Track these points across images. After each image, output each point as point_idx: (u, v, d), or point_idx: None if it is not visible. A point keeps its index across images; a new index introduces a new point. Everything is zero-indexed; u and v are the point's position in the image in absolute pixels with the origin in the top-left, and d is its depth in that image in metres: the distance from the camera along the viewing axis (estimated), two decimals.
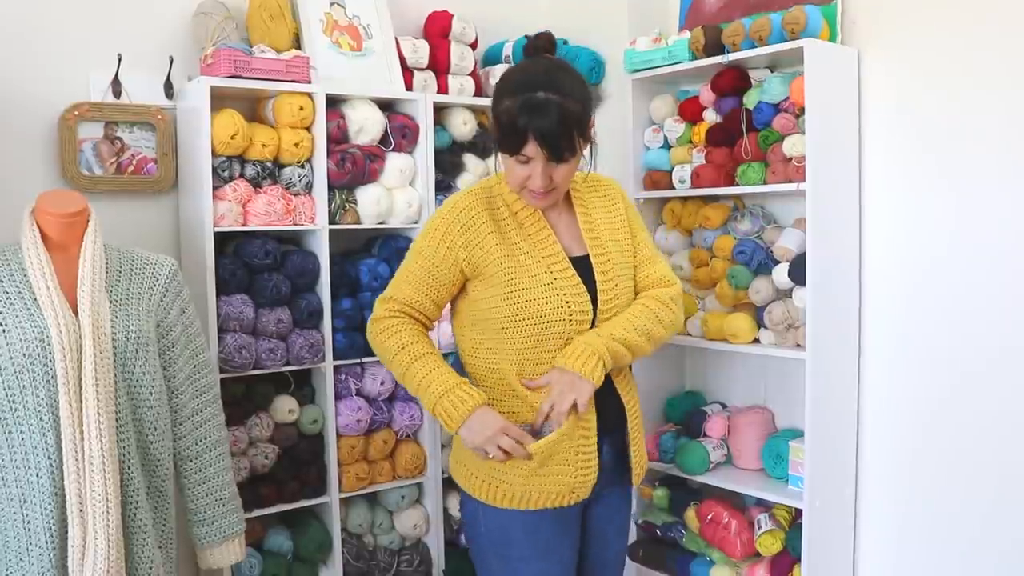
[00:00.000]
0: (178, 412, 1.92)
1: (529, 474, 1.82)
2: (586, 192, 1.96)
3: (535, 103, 1.69)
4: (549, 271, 1.81)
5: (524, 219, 1.86)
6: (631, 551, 2.92)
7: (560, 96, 1.70)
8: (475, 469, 1.89)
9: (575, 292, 1.81)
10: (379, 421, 2.64)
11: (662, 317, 1.90)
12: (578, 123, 1.73)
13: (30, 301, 1.73)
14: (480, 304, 1.84)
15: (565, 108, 1.70)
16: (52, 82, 2.32)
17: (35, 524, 1.68)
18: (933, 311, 2.45)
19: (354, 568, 2.61)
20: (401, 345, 1.84)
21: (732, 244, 2.69)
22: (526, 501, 1.84)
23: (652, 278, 1.97)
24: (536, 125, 1.69)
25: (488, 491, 1.87)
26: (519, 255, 1.81)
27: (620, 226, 1.96)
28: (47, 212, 1.80)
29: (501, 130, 1.75)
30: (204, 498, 1.96)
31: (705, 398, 3.04)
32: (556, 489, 1.83)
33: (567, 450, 1.82)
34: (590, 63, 3.04)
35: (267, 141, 2.42)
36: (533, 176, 1.76)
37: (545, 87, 1.70)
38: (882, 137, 2.53)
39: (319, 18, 2.60)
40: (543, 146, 1.71)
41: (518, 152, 1.74)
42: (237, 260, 2.42)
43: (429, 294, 1.87)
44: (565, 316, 1.79)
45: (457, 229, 1.82)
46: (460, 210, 1.84)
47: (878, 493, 2.60)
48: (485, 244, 1.81)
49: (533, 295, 1.79)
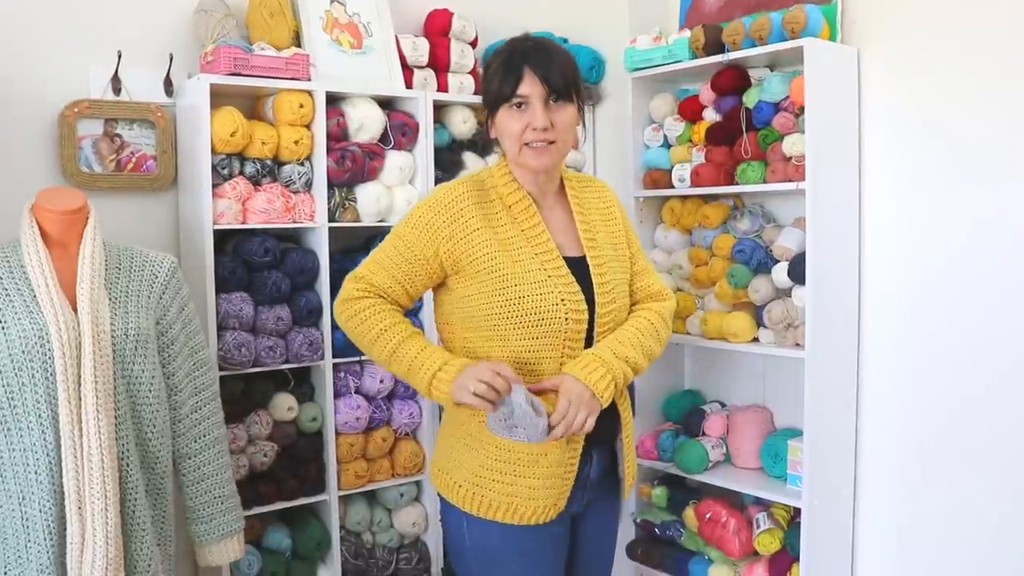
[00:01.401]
0: (177, 410, 1.92)
1: (514, 478, 1.74)
2: (581, 191, 1.90)
3: (528, 44, 1.74)
4: (543, 268, 1.73)
5: (518, 213, 1.78)
6: (630, 550, 2.93)
7: (553, 43, 1.78)
8: (459, 477, 1.79)
9: (570, 291, 1.73)
10: (378, 419, 2.65)
11: (661, 336, 1.87)
12: (572, 69, 1.75)
13: (29, 298, 1.73)
14: (468, 301, 1.75)
15: (557, 46, 1.76)
16: (52, 79, 2.32)
17: (34, 521, 1.68)
18: (932, 310, 2.45)
19: (353, 566, 2.61)
20: (383, 327, 1.73)
21: (731, 243, 2.69)
22: (511, 513, 1.75)
23: (649, 291, 1.93)
24: (532, 59, 1.70)
25: (472, 500, 1.77)
26: (512, 249, 1.73)
27: (616, 230, 1.91)
28: (46, 209, 1.80)
29: (495, 76, 1.73)
30: (203, 496, 1.96)
31: (704, 397, 3.04)
32: (541, 502, 1.75)
33: (553, 463, 1.74)
34: (590, 61, 3.04)
35: (267, 139, 2.42)
36: (533, 118, 1.70)
37: (535, 41, 1.76)
38: (882, 136, 2.53)
39: (319, 16, 2.60)
40: (540, 78, 1.69)
41: (514, 92, 1.70)
42: (236, 258, 2.42)
43: (403, 283, 1.77)
44: (561, 315, 1.71)
45: (444, 220, 1.73)
46: (450, 200, 1.75)
47: (877, 492, 2.60)
48: (472, 239, 1.73)
49: (526, 291, 1.70)
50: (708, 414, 2.85)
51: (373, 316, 1.75)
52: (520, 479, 1.74)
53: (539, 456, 1.74)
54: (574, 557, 1.92)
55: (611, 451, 1.89)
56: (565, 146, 1.78)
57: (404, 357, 1.72)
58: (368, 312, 1.75)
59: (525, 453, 1.73)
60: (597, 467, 1.85)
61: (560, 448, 1.74)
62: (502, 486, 1.75)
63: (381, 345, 1.74)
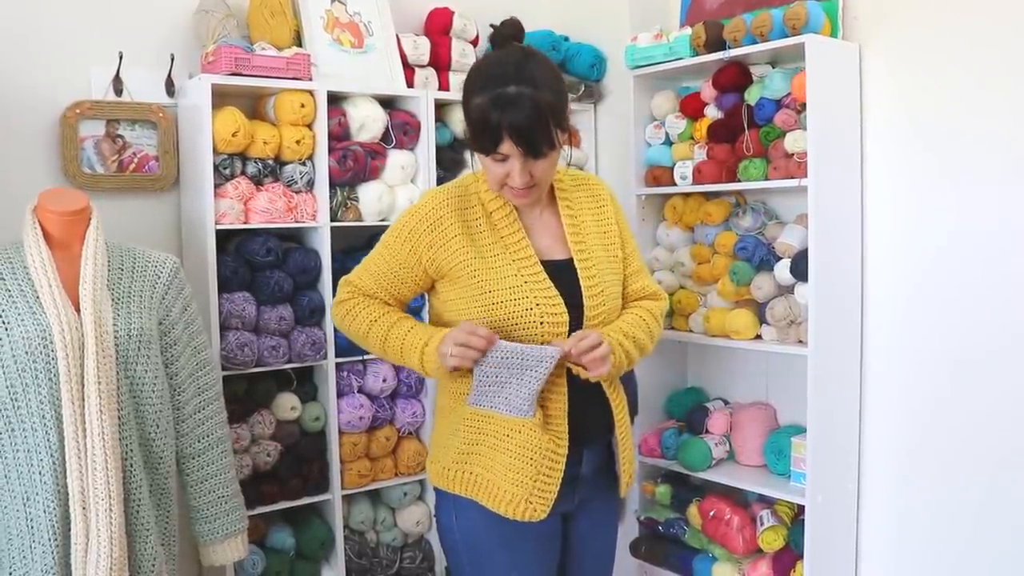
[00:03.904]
0: (180, 410, 1.92)
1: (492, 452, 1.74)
2: (573, 191, 1.89)
3: (507, 98, 1.61)
4: (519, 274, 1.74)
5: (498, 220, 1.79)
6: (633, 547, 2.93)
7: (532, 88, 1.62)
8: (446, 461, 1.82)
9: (546, 296, 1.73)
10: (381, 418, 2.65)
11: (654, 333, 1.88)
12: (553, 114, 1.65)
13: (32, 299, 1.73)
14: (450, 306, 1.79)
15: (538, 100, 1.62)
16: (53, 80, 2.32)
17: (38, 522, 1.69)
18: (935, 307, 2.44)
19: (356, 565, 2.61)
20: (372, 319, 1.80)
21: (734, 240, 2.69)
22: (490, 495, 1.75)
23: (643, 293, 1.93)
24: (510, 121, 1.61)
25: (455, 479, 1.79)
26: (488, 257, 1.75)
27: (608, 229, 1.89)
28: (49, 210, 1.80)
29: (474, 129, 1.68)
30: (206, 496, 1.96)
31: (707, 394, 3.04)
32: (517, 489, 1.73)
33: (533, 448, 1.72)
34: (591, 59, 3.04)
35: (268, 139, 2.42)
36: (512, 174, 1.68)
37: (516, 80, 1.62)
38: (883, 133, 2.52)
39: (320, 15, 2.60)
40: (519, 143, 1.63)
41: (494, 151, 1.66)
42: (239, 258, 2.42)
43: (389, 289, 1.82)
44: (535, 319, 1.71)
45: (424, 228, 1.77)
46: (429, 209, 1.78)
47: (880, 489, 2.60)
48: (451, 246, 1.75)
49: (501, 297, 1.72)
50: (711, 411, 2.85)
51: (363, 311, 1.82)
52: (497, 453, 1.74)
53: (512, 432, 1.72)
54: (568, 555, 1.91)
55: (606, 448, 1.88)
56: (547, 182, 1.78)
57: (395, 342, 1.78)
58: (358, 309, 1.83)
59: (501, 426, 1.73)
60: (588, 465, 1.85)
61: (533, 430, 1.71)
62: (480, 459, 1.76)
63: (374, 336, 1.80)
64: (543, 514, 1.74)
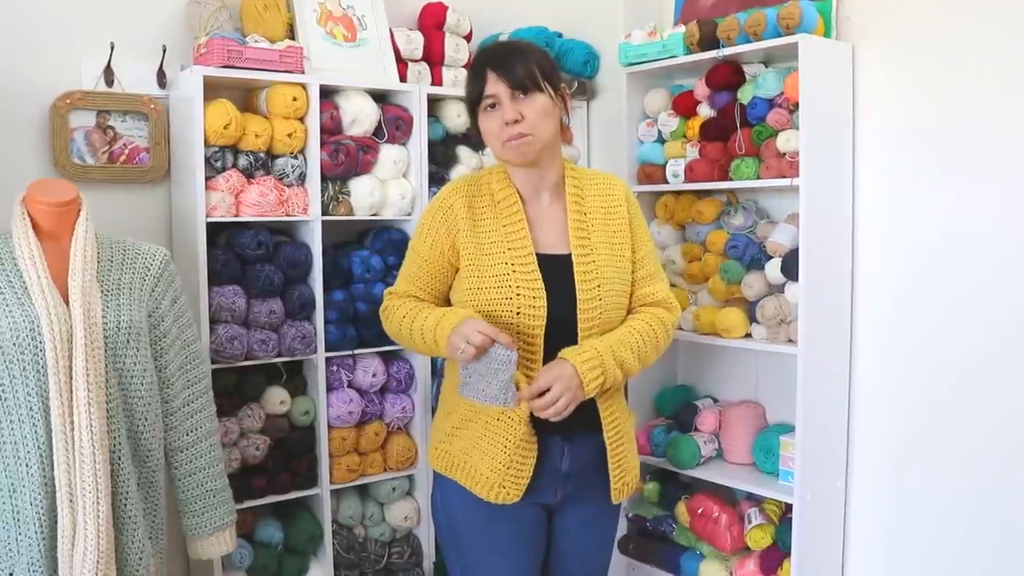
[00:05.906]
0: (169, 403, 1.91)
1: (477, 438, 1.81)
2: (586, 187, 1.90)
3: (494, 47, 1.91)
4: (509, 263, 1.79)
5: (503, 209, 1.84)
6: (621, 545, 2.93)
7: (519, 41, 1.93)
8: (436, 441, 1.93)
9: (529, 287, 1.76)
10: (371, 413, 2.64)
11: (660, 345, 1.87)
12: (538, 60, 1.79)
13: (21, 291, 1.72)
14: (455, 286, 1.89)
15: (522, 44, 1.87)
16: (44, 70, 2.30)
17: (24, 514, 1.68)
18: (925, 307, 2.45)
19: (345, 560, 2.61)
20: (402, 315, 1.87)
21: (725, 239, 2.69)
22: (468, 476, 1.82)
23: (652, 299, 1.91)
24: (494, 59, 1.79)
25: (441, 457, 1.90)
26: (485, 243, 1.82)
27: (619, 229, 1.89)
28: (38, 201, 1.79)
29: (467, 84, 1.83)
30: (195, 489, 1.95)
31: (696, 392, 3.05)
32: (492, 473, 1.79)
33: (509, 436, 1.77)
34: (584, 56, 3.04)
35: (260, 131, 2.41)
36: (504, 114, 1.77)
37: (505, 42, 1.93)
38: (876, 133, 2.53)
39: (313, 8, 2.59)
40: (501, 73, 1.75)
41: (483, 93, 1.78)
42: (229, 251, 2.41)
43: (423, 287, 1.91)
44: (512, 308, 1.76)
45: (439, 219, 1.86)
46: (441, 200, 1.88)
47: (868, 488, 2.61)
48: (459, 228, 1.84)
49: (485, 283, 1.80)
50: (701, 409, 2.86)
51: (396, 311, 1.90)
52: (480, 439, 1.82)
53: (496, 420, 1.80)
54: (552, 551, 1.93)
55: (597, 448, 1.87)
56: (542, 136, 1.80)
57: (418, 332, 1.82)
58: (391, 310, 1.92)
59: (491, 413, 1.79)
60: (573, 461, 1.85)
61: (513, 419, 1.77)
62: (462, 442, 1.85)
63: (407, 331, 1.87)
64: (516, 498, 1.80)
